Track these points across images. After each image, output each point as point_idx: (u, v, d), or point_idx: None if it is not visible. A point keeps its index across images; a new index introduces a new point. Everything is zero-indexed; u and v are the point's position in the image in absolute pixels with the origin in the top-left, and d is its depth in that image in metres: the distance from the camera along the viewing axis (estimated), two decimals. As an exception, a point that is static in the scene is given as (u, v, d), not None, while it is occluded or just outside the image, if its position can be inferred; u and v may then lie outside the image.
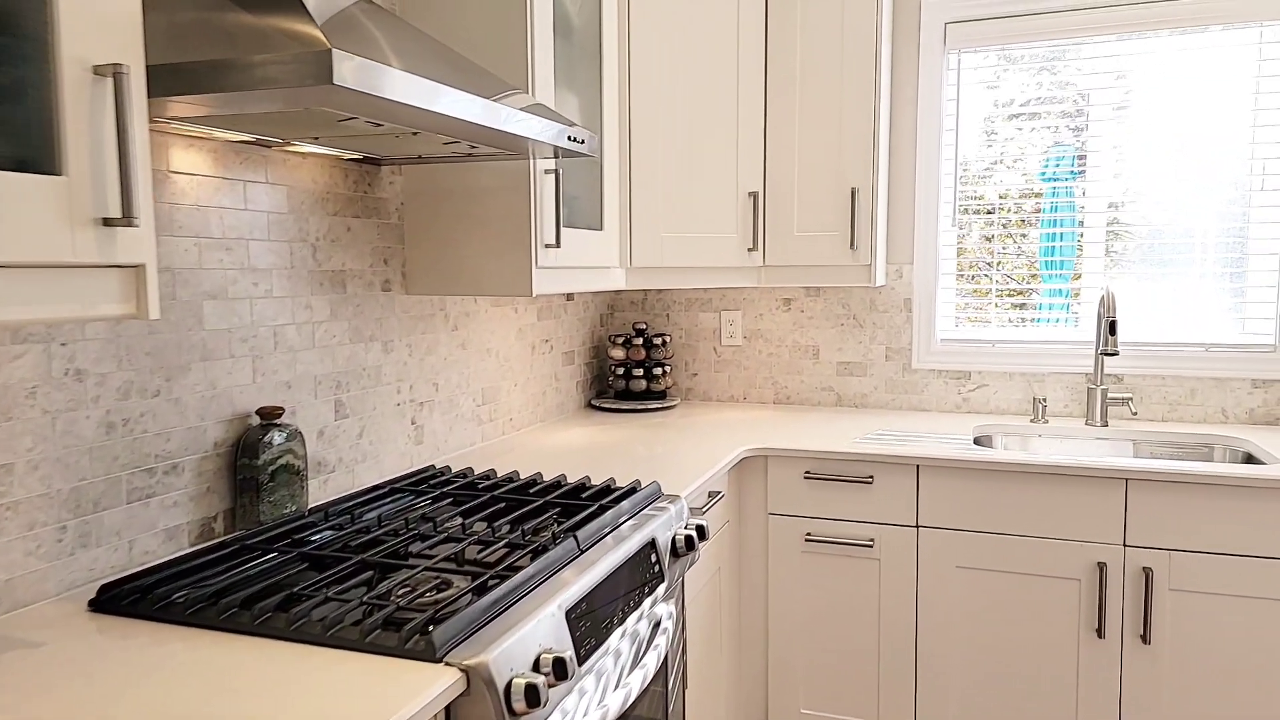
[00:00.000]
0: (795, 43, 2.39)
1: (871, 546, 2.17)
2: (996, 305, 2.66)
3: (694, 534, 1.58)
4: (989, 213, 2.64)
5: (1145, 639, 1.98)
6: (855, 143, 2.37)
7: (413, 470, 1.83)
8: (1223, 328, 2.45)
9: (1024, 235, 2.62)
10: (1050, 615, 2.05)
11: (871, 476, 2.16)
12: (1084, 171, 2.54)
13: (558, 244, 1.79)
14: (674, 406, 2.78)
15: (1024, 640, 2.08)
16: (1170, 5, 2.36)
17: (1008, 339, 2.61)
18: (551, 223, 1.80)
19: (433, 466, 1.84)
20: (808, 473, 2.21)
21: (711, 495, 2.00)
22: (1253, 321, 2.42)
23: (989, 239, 2.65)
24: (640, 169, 2.22)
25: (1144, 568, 1.98)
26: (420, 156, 1.64)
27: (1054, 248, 2.61)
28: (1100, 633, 2.02)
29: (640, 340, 2.73)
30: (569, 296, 2.67)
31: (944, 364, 2.65)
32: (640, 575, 1.43)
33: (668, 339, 2.77)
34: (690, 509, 1.87)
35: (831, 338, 2.76)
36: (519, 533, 1.36)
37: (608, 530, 1.44)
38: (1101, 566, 2.01)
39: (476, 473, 1.83)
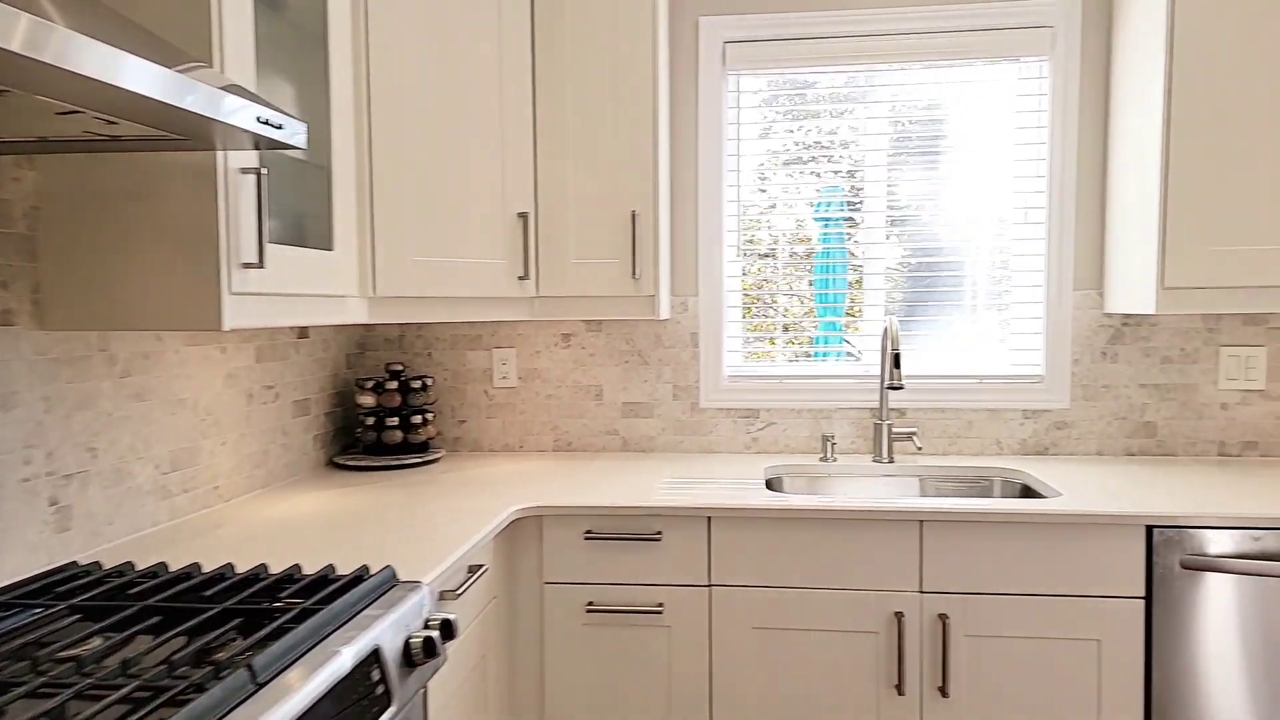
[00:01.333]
0: (565, 46, 2.15)
1: (661, 612, 1.91)
2: (787, 341, 2.54)
3: (436, 634, 1.23)
4: (764, 256, 2.52)
5: (944, 692, 1.86)
6: (634, 161, 2.15)
7: (48, 569, 1.34)
8: (995, 360, 2.47)
9: (798, 275, 2.53)
10: (850, 673, 1.89)
11: (660, 532, 1.91)
12: (858, 207, 2.49)
13: (261, 264, 1.39)
14: (437, 460, 2.40)
15: (824, 703, 1.90)
16: (938, 38, 2.37)
17: (795, 374, 2.49)
18: (252, 236, 1.40)
19: (74, 564, 1.35)
20: (589, 532, 1.92)
21: (472, 571, 1.66)
22: (1021, 353, 2.45)
23: (764, 281, 2.53)
24: (384, 180, 1.86)
25: (940, 614, 1.87)
26: (46, 140, 1.19)
27: (829, 280, 2.53)
28: (900, 689, 1.87)
29: (395, 384, 2.34)
30: (301, 333, 2.23)
31: (732, 402, 2.48)
32: (355, 705, 1.05)
33: (429, 382, 2.40)
34: (443, 593, 1.51)
35: (615, 376, 2.51)
36: (165, 665, 0.95)
37: (307, 647, 1.06)
38: (899, 616, 1.87)
39: (140, 568, 1.37)
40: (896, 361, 2.21)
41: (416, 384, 2.35)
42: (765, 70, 2.45)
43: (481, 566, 1.66)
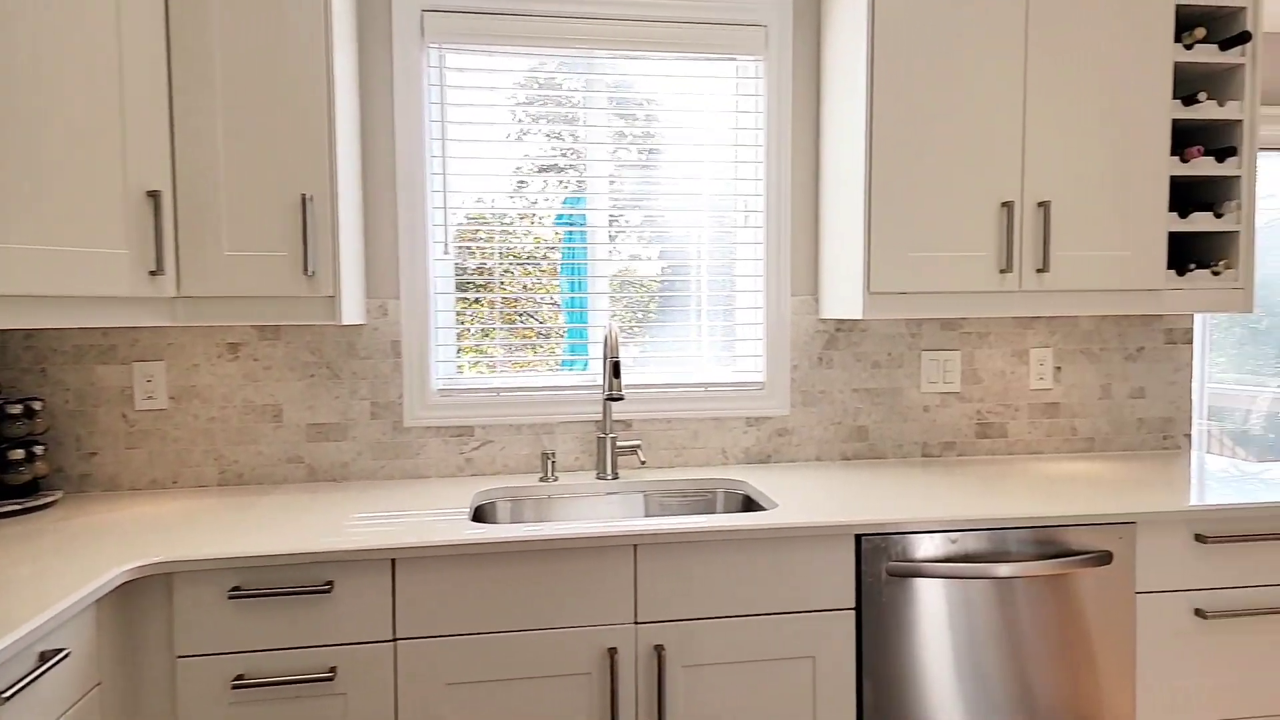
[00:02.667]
0: (209, -9, 1.76)
1: (333, 679, 1.58)
2: (549, 350, 2.29)
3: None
4: (523, 261, 2.27)
5: (662, 731, 1.70)
6: (303, 135, 1.81)
7: None
8: (721, 367, 2.38)
9: (533, 280, 2.31)
10: (561, 724, 1.67)
11: (330, 583, 1.59)
12: (585, 206, 2.31)
13: None
14: (50, 505, 1.90)
15: (533, 762, 1.66)
16: (655, 27, 2.24)
17: (514, 386, 2.25)
18: None
19: None
20: (236, 590, 1.54)
21: (46, 658, 1.24)
22: (744, 360, 2.38)
23: (525, 288, 2.28)
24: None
25: (655, 646, 1.71)
26: None
27: (573, 283, 2.33)
28: (615, 734, 1.69)
29: (-14, 409, 1.81)
30: None
31: (443, 419, 2.20)
32: None
33: (38, 406, 1.89)
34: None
35: (298, 393, 2.13)
36: None
37: None
38: (612, 653, 1.68)
39: None
40: (616, 370, 2.04)
41: (16, 409, 1.83)
42: (473, 47, 2.20)
43: (60, 651, 1.25)
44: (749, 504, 2.10)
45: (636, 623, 1.70)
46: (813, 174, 2.34)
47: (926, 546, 1.79)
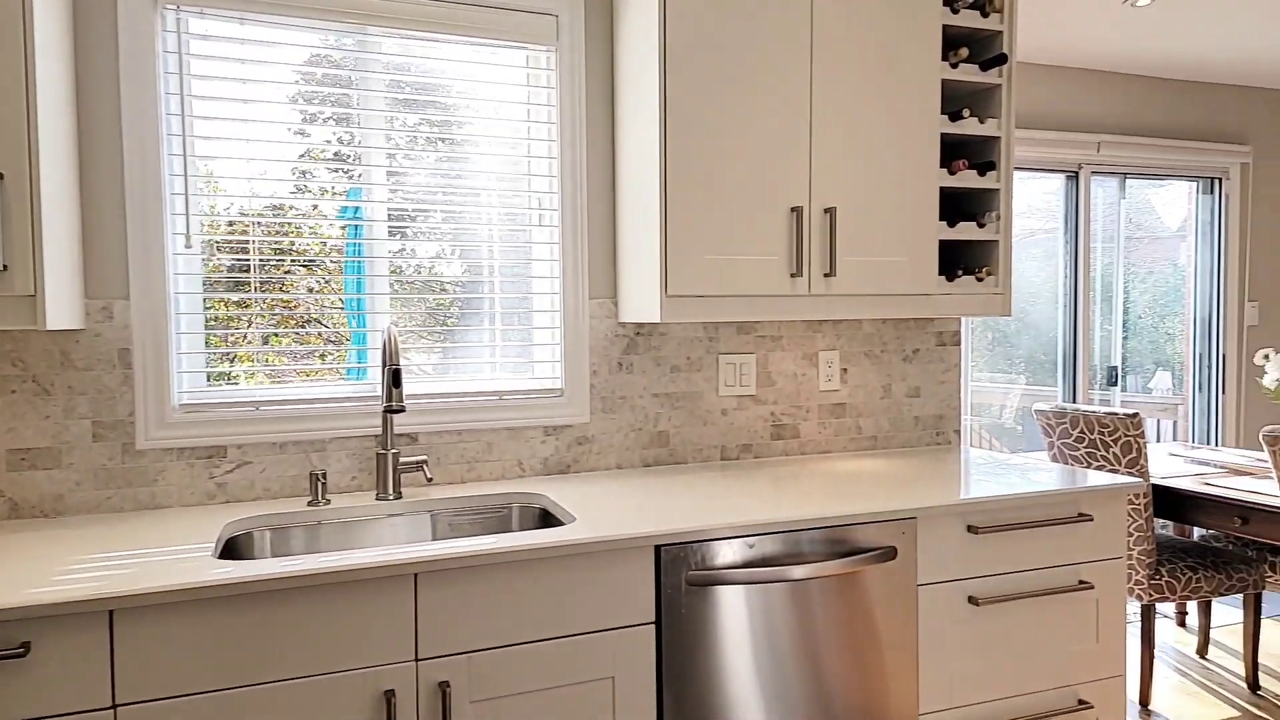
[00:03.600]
0: None
1: (28, 766, 1.28)
2: (337, 357, 2.02)
3: None
4: (306, 264, 2.00)
5: (448, 778, 1.53)
6: (-9, 98, 1.48)
7: None
8: (516, 374, 2.25)
9: (319, 280, 2.05)
10: (329, 785, 1.46)
11: (26, 644, 1.29)
12: (363, 199, 2.09)
13: None
14: None
15: (295, 834, 1.44)
16: (437, 6, 2.07)
17: (277, 399, 1.99)
18: None
19: None
20: (-117, 667, 1.21)
21: None
22: (541, 366, 2.26)
23: (310, 290, 2.01)
24: None
25: (440, 683, 1.54)
26: None
27: (356, 285, 2.10)
28: (395, 787, 1.50)
29: None
30: None
31: (188, 439, 1.90)
32: None
33: None
34: None
35: (-4, 413, 1.76)
36: None
37: None
38: (389, 696, 1.49)
39: None
40: (396, 379, 1.85)
41: None
42: (222, 13, 1.92)
43: None
44: (547, 518, 1.98)
45: (418, 659, 1.52)
46: (610, 173, 2.27)
47: (725, 553, 1.74)
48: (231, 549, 1.77)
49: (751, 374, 2.43)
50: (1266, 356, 3.04)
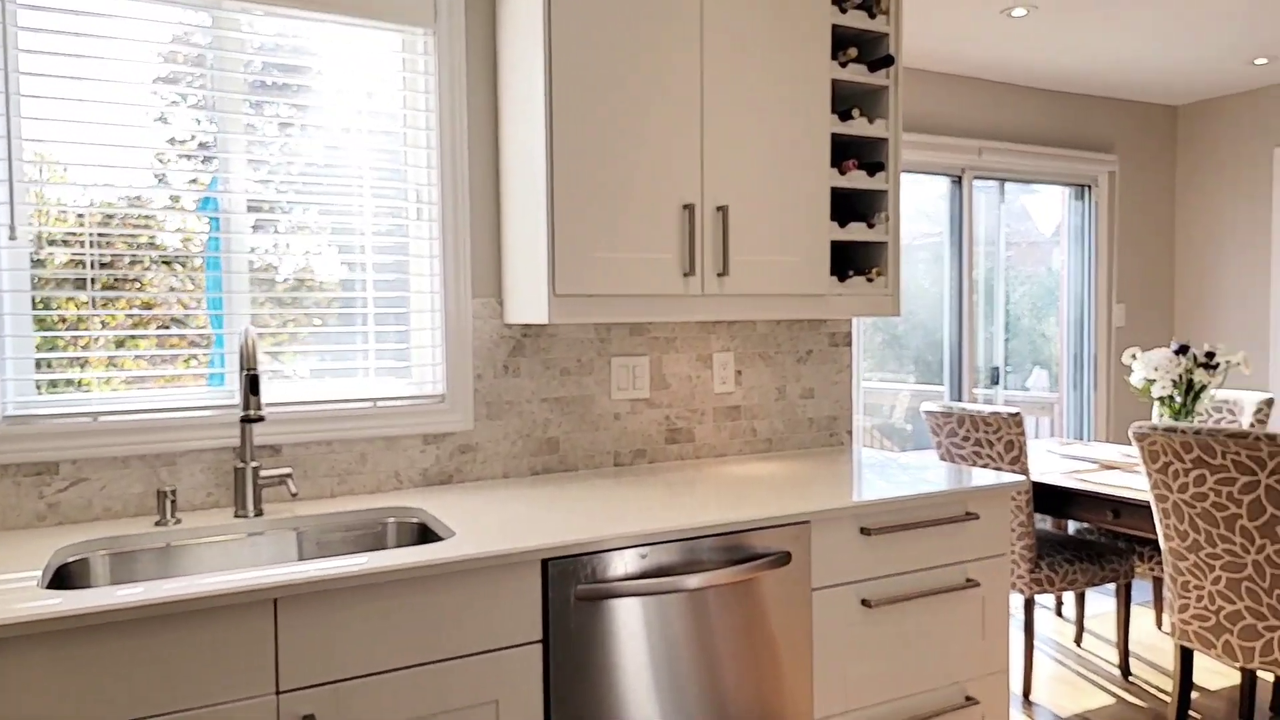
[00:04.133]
0: None
1: None
2: (197, 361, 1.82)
3: None
4: (166, 262, 1.79)
5: (311, 824, 1.39)
6: None
7: None
8: (393, 379, 2.11)
9: (180, 279, 1.86)
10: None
11: None
12: (219, 189, 1.91)
13: None
14: None
15: None
16: (303, -16, 1.92)
17: (119, 409, 1.79)
18: None
19: None
20: None
21: None
22: (420, 370, 2.13)
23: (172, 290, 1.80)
24: None
25: (304, 717, 1.40)
26: None
27: (216, 283, 1.91)
28: (249, 839, 1.35)
29: None
30: None
31: (12, 454, 1.68)
32: None
33: None
34: None
35: None
36: None
37: None
38: (244, 739, 1.35)
39: None
40: (254, 386, 1.69)
41: None
42: (54, -22, 1.71)
43: None
44: (426, 534, 1.85)
45: (279, 692, 1.38)
46: (494, 165, 2.15)
47: (618, 565, 1.67)
48: (63, 577, 1.58)
49: (645, 376, 2.36)
50: (1134, 356, 3.19)
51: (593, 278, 1.92)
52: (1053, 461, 3.29)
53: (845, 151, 2.46)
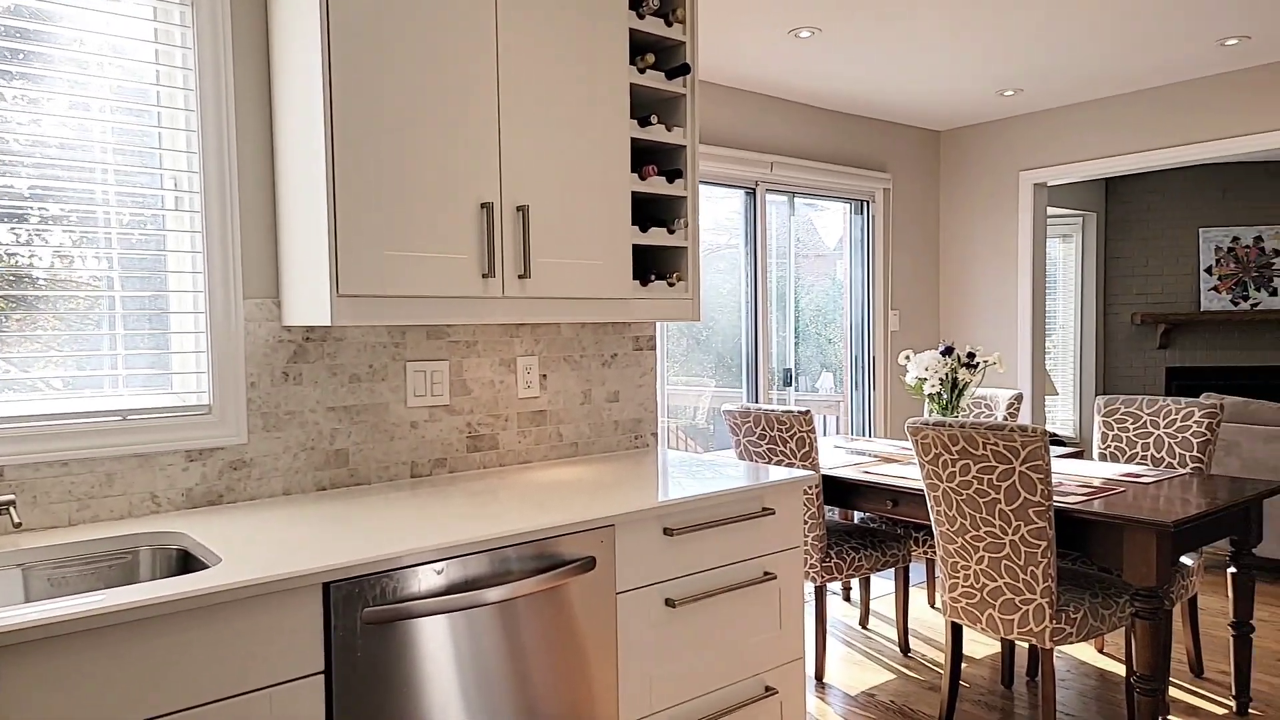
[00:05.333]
0: None
1: None
2: None
3: None
4: None
5: None
6: None
7: None
8: (148, 389, 1.86)
9: None
10: None
11: None
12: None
13: None
14: None
15: None
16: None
17: None
18: None
19: None
20: None
21: None
22: (182, 378, 1.89)
23: None
24: None
25: (25, 792, 1.18)
26: None
27: None
28: None
29: None
30: None
31: None
32: None
33: None
34: None
35: None
36: None
37: None
38: (-60, 826, 1.11)
39: None
40: (-38, 399, 1.42)
41: None
42: None
43: None
44: (188, 562, 1.64)
45: (-11, 766, 1.16)
46: (268, 151, 1.97)
47: (412, 583, 1.55)
48: None
49: (444, 382, 2.25)
50: (907, 357, 3.46)
51: (382, 277, 1.79)
52: (839, 456, 3.50)
53: (645, 157, 2.48)
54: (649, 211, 2.51)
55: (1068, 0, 3.27)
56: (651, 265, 2.50)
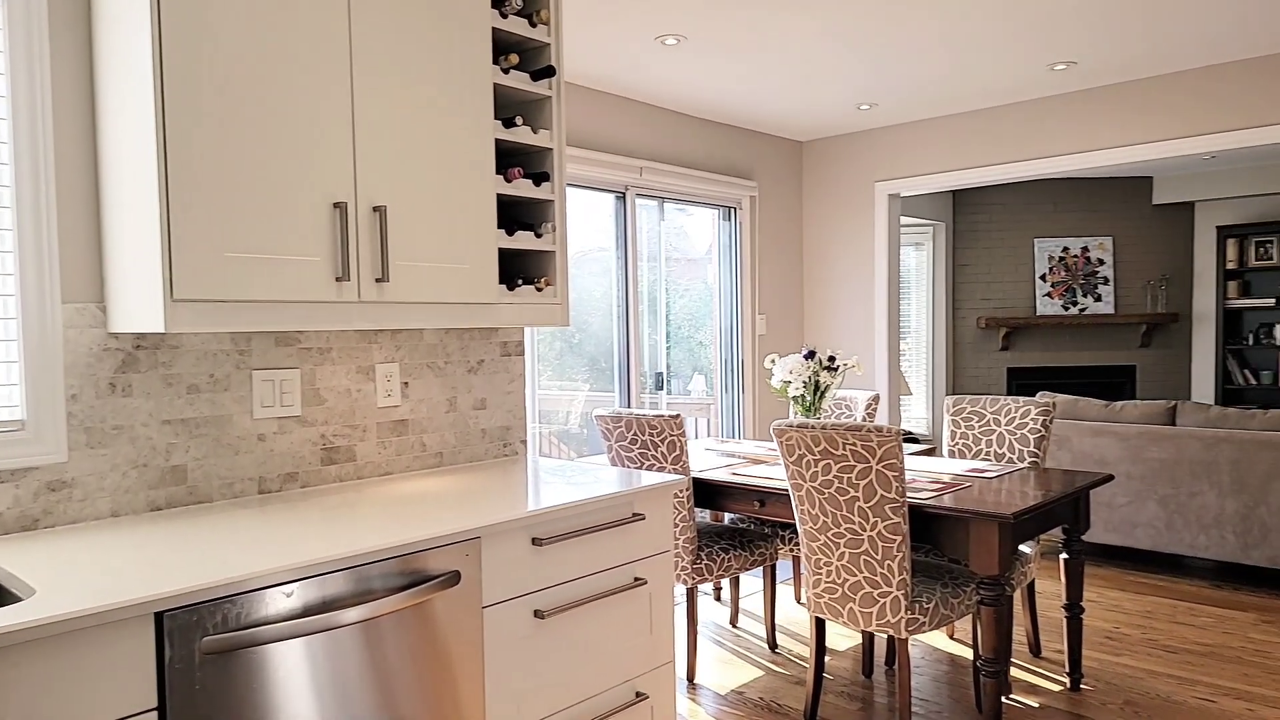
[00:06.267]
0: None
1: None
2: None
3: None
4: None
5: None
6: None
7: None
8: (-56, 403, 1.66)
9: None
10: None
11: None
12: None
13: None
14: None
15: None
16: None
17: None
18: None
19: None
20: None
21: None
22: (-11, 390, 1.70)
23: None
24: None
25: None
26: None
27: None
28: None
29: None
30: None
31: None
32: None
33: None
34: None
35: None
36: None
37: None
38: None
39: None
40: None
41: None
42: None
43: None
44: (1, 597, 1.47)
45: None
46: (90, 140, 1.80)
47: (258, 608, 1.45)
48: None
49: (295, 392, 2.13)
50: (773, 361, 3.56)
51: (224, 281, 1.67)
52: (710, 459, 3.56)
53: (511, 160, 2.43)
54: (516, 215, 2.46)
55: (914, 21, 3.46)
56: (519, 270, 2.46)
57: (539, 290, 2.35)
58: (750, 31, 3.51)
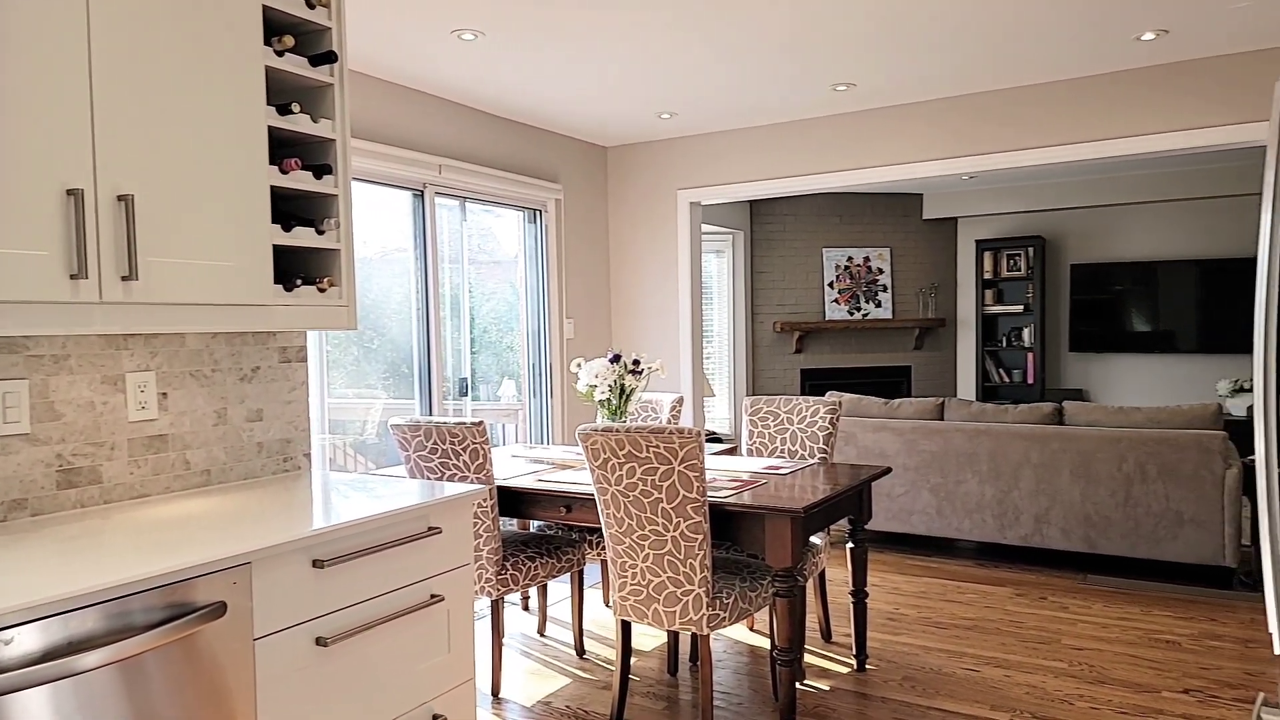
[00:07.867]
0: None
1: None
2: None
3: None
4: None
5: None
6: None
7: None
8: None
9: None
10: None
11: None
12: None
13: None
14: None
15: None
16: None
17: None
18: None
19: None
20: None
21: None
22: None
23: None
24: None
25: None
26: None
27: None
28: None
29: None
30: None
31: None
32: None
33: None
34: None
35: None
36: None
37: None
38: None
39: None
40: None
41: None
42: None
43: None
44: None
45: None
46: None
47: (-50, 668, 1.21)
48: None
49: (23, 406, 1.83)
50: (579, 364, 3.54)
51: (-86, 275, 1.40)
52: (517, 465, 3.48)
53: (289, 150, 2.24)
54: (295, 210, 2.27)
55: (704, 37, 3.57)
56: (299, 269, 2.27)
57: (321, 291, 2.17)
58: (550, 32, 3.48)
